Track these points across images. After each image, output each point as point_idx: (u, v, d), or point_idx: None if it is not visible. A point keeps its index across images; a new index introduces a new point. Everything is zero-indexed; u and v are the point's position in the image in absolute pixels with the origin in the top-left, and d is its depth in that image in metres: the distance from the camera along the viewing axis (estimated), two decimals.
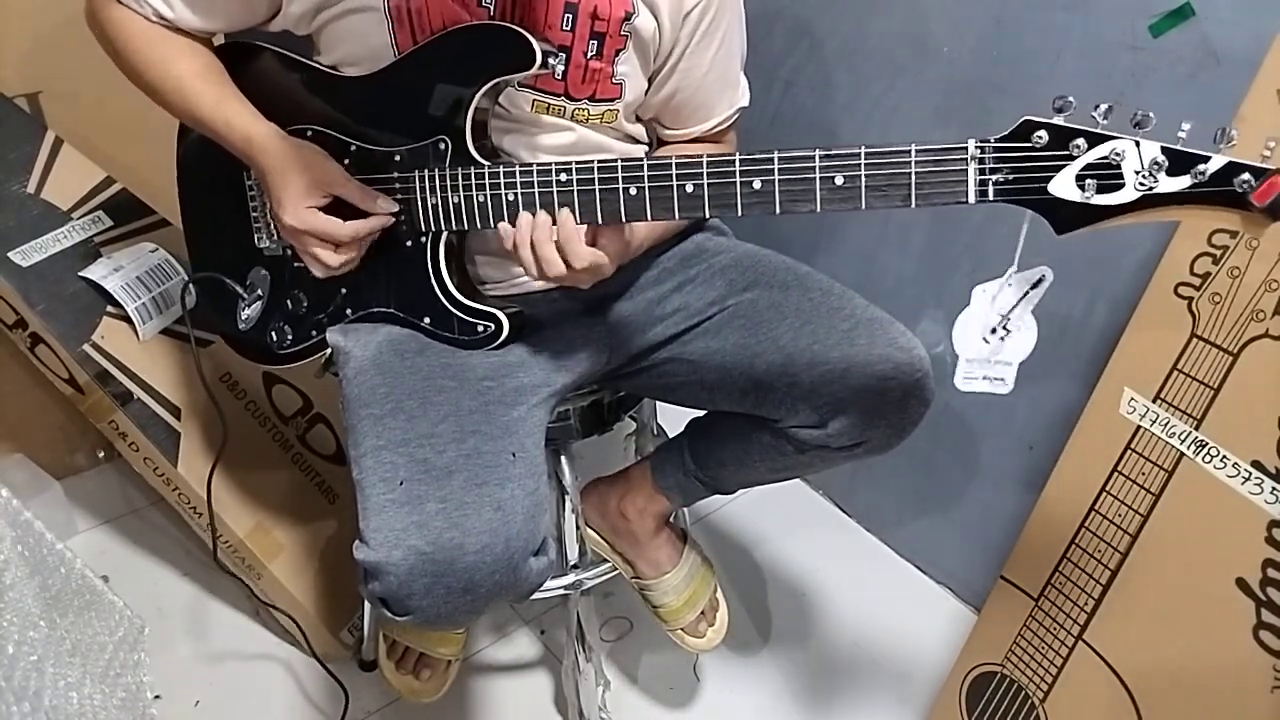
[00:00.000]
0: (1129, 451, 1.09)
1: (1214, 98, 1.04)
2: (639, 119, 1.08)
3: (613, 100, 1.00)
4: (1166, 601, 1.07)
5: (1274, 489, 0.98)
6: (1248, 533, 0.99)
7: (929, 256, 1.45)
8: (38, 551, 1.16)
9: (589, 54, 0.96)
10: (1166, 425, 1.06)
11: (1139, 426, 1.08)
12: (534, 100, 0.98)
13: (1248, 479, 0.99)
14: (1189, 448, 1.04)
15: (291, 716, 1.37)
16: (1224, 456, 1.01)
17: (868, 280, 1.53)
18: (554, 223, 0.88)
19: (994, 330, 0.83)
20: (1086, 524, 1.14)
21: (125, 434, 1.36)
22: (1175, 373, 1.05)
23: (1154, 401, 1.07)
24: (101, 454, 1.63)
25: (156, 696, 1.35)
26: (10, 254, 1.30)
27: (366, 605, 1.39)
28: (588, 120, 1.00)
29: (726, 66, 1.06)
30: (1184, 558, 1.05)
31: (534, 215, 0.88)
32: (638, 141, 1.09)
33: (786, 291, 1.04)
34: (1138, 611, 1.10)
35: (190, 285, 1.16)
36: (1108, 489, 1.12)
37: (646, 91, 1.04)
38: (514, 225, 0.90)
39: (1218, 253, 1.01)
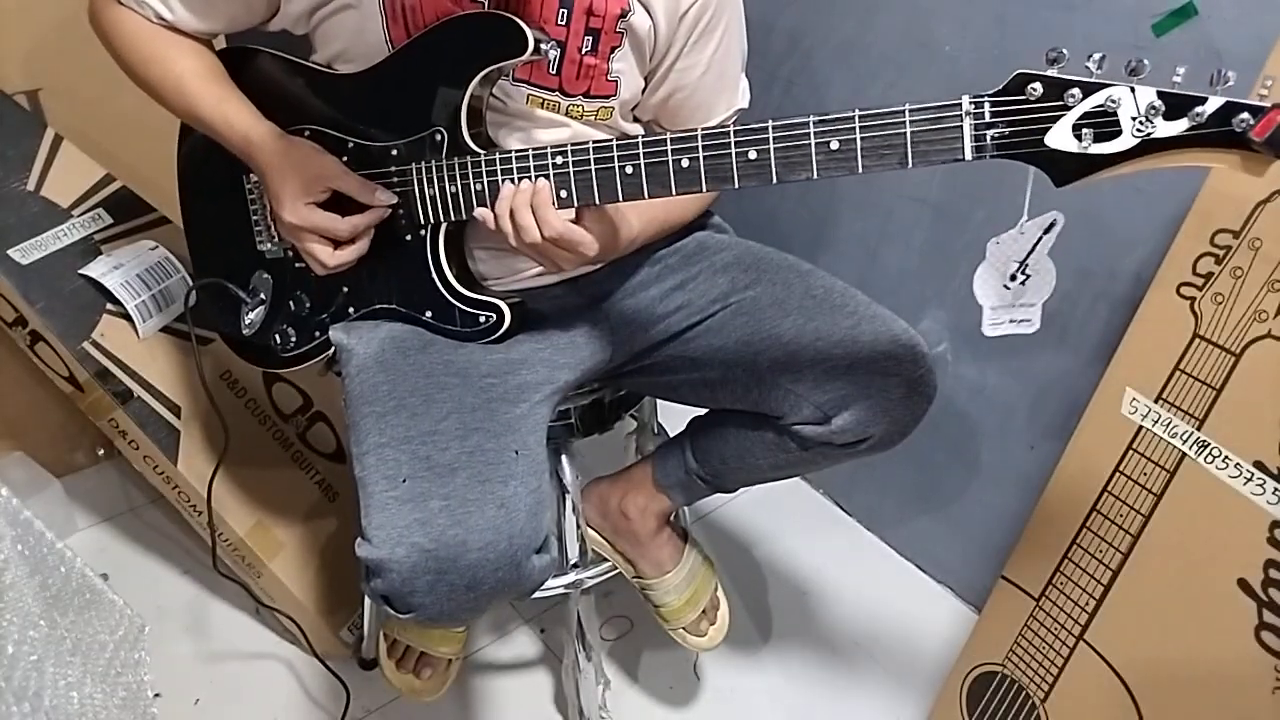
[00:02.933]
0: (1131, 452, 1.09)
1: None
2: (637, 119, 1.08)
3: (608, 97, 1.00)
4: (1168, 602, 1.07)
5: (1276, 489, 0.97)
6: (1249, 533, 0.99)
7: (931, 254, 1.45)
8: (37, 550, 1.16)
9: (584, 50, 0.95)
10: (1168, 425, 1.06)
11: (1141, 427, 1.08)
12: (529, 94, 0.97)
13: (1249, 479, 0.99)
14: (1191, 448, 1.04)
15: (292, 715, 1.36)
16: (1226, 457, 1.01)
17: (869, 278, 1.53)
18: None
19: (1013, 276, 0.84)
20: (1088, 524, 1.14)
21: (125, 432, 1.35)
22: (1177, 373, 1.05)
23: (1156, 402, 1.07)
24: (101, 452, 1.62)
25: (157, 695, 1.35)
26: (10, 251, 1.30)
27: (367, 603, 1.39)
28: (582, 117, 1.00)
29: (724, 67, 1.05)
30: (1185, 558, 1.05)
31: (515, 185, 0.89)
32: None
33: (789, 289, 1.04)
34: (1139, 612, 1.10)
35: (193, 290, 1.15)
36: (1109, 489, 1.12)
37: (643, 90, 1.03)
38: None
39: (1220, 253, 1.01)
